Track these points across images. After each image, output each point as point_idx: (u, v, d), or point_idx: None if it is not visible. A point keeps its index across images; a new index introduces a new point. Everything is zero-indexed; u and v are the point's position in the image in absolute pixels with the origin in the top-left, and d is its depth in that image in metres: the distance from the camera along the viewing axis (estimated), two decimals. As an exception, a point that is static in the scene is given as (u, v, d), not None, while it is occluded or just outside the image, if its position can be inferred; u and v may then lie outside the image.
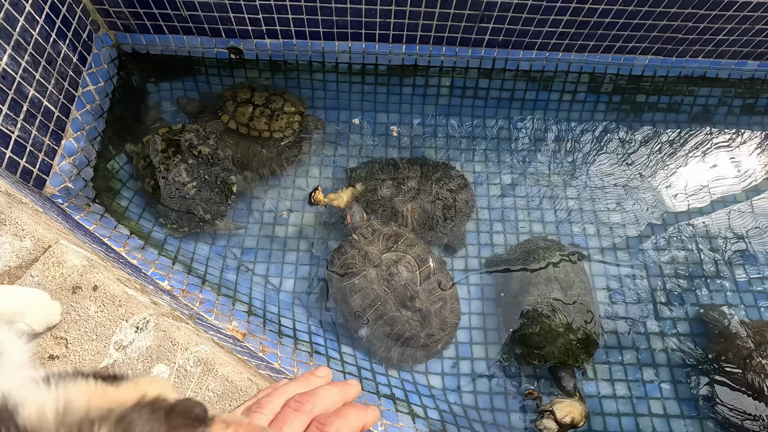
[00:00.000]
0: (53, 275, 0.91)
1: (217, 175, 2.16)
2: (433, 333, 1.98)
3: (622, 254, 2.34)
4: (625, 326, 2.18)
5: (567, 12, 2.20)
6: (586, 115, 2.63)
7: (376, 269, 2.02)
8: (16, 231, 0.96)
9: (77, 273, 0.92)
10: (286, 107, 2.31)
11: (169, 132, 2.19)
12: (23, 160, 1.77)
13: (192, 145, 2.16)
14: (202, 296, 1.87)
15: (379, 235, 2.11)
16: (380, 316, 1.96)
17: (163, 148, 2.12)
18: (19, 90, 1.74)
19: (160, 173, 2.06)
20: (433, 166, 2.38)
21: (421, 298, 1.99)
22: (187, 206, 2.08)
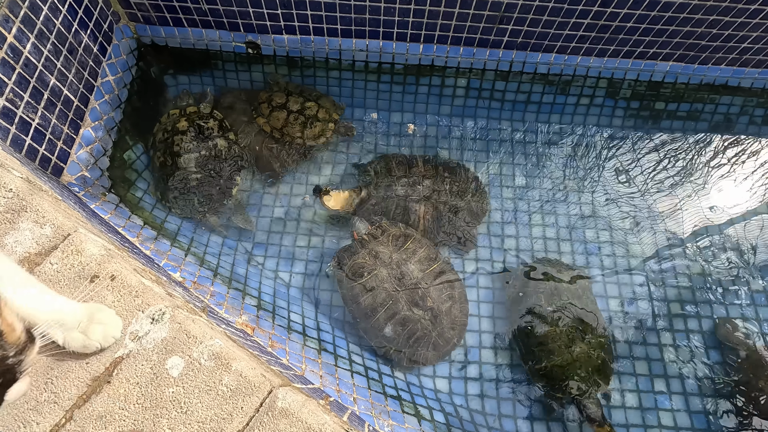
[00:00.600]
0: (72, 263, 0.92)
1: (224, 172, 2.17)
2: (444, 332, 1.97)
3: (636, 262, 2.31)
4: (638, 336, 2.15)
5: (588, 15, 2.18)
6: (603, 120, 2.59)
7: (386, 268, 2.01)
8: (37, 218, 0.96)
9: (95, 262, 0.92)
10: (320, 114, 2.30)
11: (196, 114, 2.21)
12: (42, 148, 1.79)
13: (212, 135, 2.18)
14: (213, 289, 1.88)
15: (389, 235, 2.11)
16: (392, 316, 1.95)
17: (184, 129, 2.14)
18: (41, 78, 1.76)
19: (171, 153, 2.10)
20: (449, 166, 2.37)
21: (432, 297, 1.98)
22: (185, 193, 2.11)
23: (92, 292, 0.89)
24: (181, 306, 0.99)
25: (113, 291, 0.90)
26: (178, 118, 2.19)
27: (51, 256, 0.92)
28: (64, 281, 0.90)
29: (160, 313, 0.89)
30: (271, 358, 1.35)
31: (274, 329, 1.84)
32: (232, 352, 0.89)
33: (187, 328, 0.89)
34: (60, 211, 1.01)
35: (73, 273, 0.91)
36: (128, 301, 0.90)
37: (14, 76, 1.63)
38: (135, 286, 0.91)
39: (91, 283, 0.90)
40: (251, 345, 1.28)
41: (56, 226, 0.96)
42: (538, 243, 2.35)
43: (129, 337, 0.87)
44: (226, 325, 1.45)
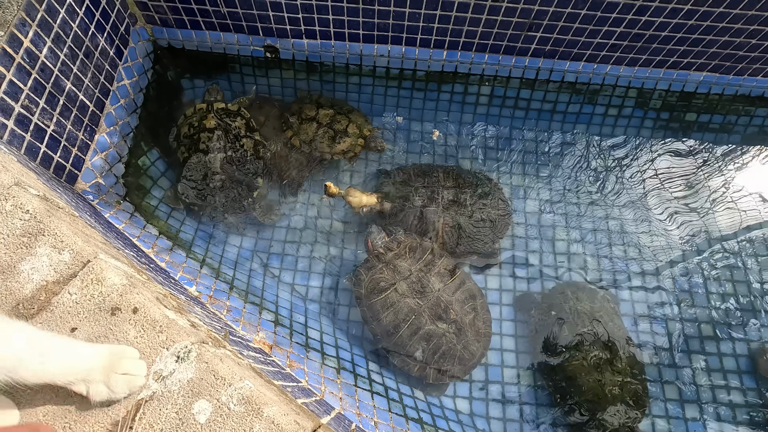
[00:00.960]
0: (92, 294, 0.86)
1: (247, 174, 2.11)
2: (469, 345, 1.90)
3: (666, 281, 2.22)
4: (668, 359, 2.06)
5: (622, 24, 2.09)
6: (631, 131, 2.50)
7: (406, 282, 1.94)
8: (55, 243, 0.90)
9: (117, 293, 0.86)
10: (350, 129, 2.22)
11: (224, 111, 2.16)
12: (57, 155, 1.73)
13: (239, 135, 2.12)
14: (229, 303, 1.81)
15: (405, 247, 2.03)
16: (415, 331, 1.88)
17: (211, 127, 2.09)
18: (57, 83, 1.70)
19: (197, 151, 2.05)
20: (471, 178, 2.28)
21: (455, 309, 1.91)
22: (207, 192, 2.06)
23: (113, 327, 0.83)
24: (206, 339, 0.92)
25: (135, 326, 0.84)
26: (204, 114, 2.13)
27: (70, 285, 0.86)
28: (84, 313, 0.84)
29: (185, 350, 0.83)
30: (290, 383, 1.28)
31: (292, 347, 1.78)
32: (263, 395, 0.83)
33: (215, 368, 0.82)
34: (79, 234, 0.95)
35: (93, 305, 0.85)
36: (152, 337, 0.83)
37: (30, 81, 1.57)
38: (159, 321, 0.85)
39: (113, 316, 0.84)
40: (272, 372, 1.22)
41: (75, 252, 0.90)
42: (562, 258, 2.27)
43: (153, 376, 0.81)
44: (245, 347, 1.38)
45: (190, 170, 2.07)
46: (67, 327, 0.83)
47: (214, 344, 0.96)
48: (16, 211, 0.92)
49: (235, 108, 2.19)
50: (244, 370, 0.89)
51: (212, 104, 2.19)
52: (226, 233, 2.17)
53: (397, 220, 2.17)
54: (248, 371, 0.93)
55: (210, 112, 2.15)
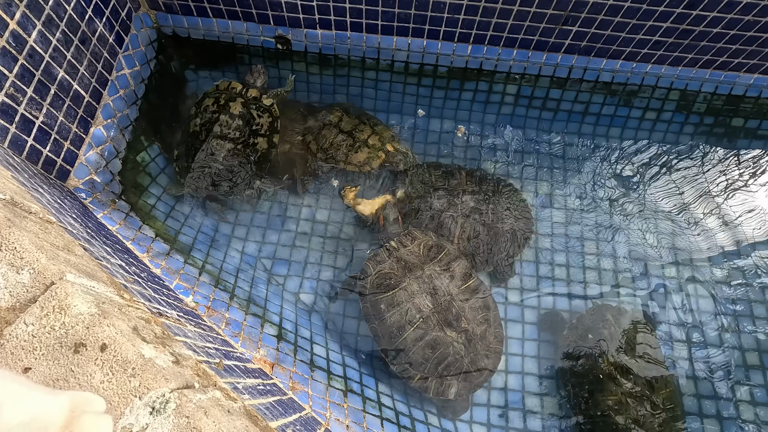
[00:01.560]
0: (53, 325, 0.70)
1: (246, 174, 1.97)
2: (477, 359, 1.71)
3: (706, 303, 2.01)
4: (707, 389, 1.86)
5: (669, 18, 1.88)
6: (670, 137, 2.29)
7: (417, 281, 1.76)
8: (13, 259, 0.75)
9: (83, 324, 0.70)
10: (371, 140, 2.06)
11: (255, 101, 2.02)
12: (46, 149, 1.59)
13: (257, 132, 1.98)
14: (228, 315, 1.66)
15: (420, 244, 1.86)
16: (421, 336, 1.70)
17: (235, 113, 1.96)
18: (47, 71, 1.55)
19: (209, 130, 1.94)
20: (495, 184, 2.11)
21: (468, 317, 1.72)
22: (200, 175, 1.94)
23: (76, 368, 0.68)
24: (192, 379, 0.77)
25: (103, 367, 0.68)
26: (234, 96, 1.99)
27: (27, 312, 0.71)
28: (41, 349, 0.69)
29: (162, 400, 0.67)
30: (296, 418, 1.12)
31: (296, 366, 1.62)
32: (256, 459, 0.67)
33: (197, 425, 0.66)
34: (45, 248, 0.80)
35: (53, 339, 0.69)
36: (122, 381, 0.68)
37: (16, 68, 1.43)
38: (132, 361, 0.69)
39: (76, 353, 0.69)
40: (271, 408, 1.05)
41: (37, 272, 0.75)
42: (591, 274, 2.08)
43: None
44: (244, 372, 1.22)
45: (193, 146, 1.95)
46: (19, 366, 0.68)
47: (202, 383, 0.80)
48: (-31, 220, 0.77)
49: (268, 103, 2.04)
50: (234, 421, 0.73)
51: (248, 89, 2.04)
52: (215, 225, 2.02)
53: (412, 221, 2.01)
54: (241, 420, 0.77)
55: (241, 96, 2.01)
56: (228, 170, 1.94)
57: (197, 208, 2.03)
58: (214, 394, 0.79)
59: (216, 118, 1.95)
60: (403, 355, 1.73)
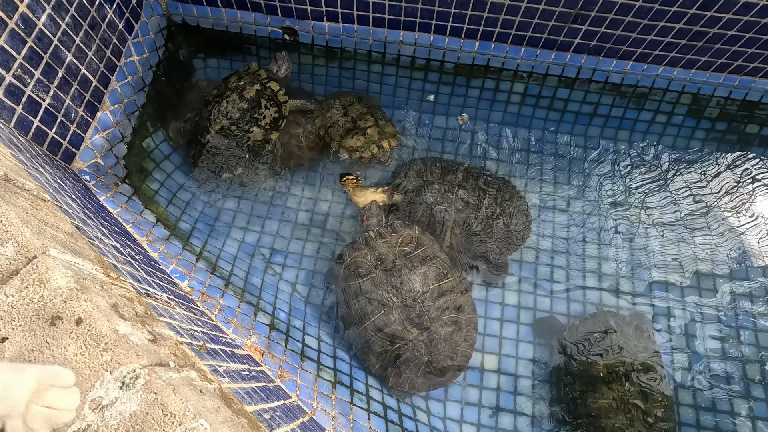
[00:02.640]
0: (31, 297, 0.72)
1: (231, 156, 2.00)
2: (438, 360, 1.70)
3: (709, 312, 1.97)
4: (706, 401, 1.82)
5: (682, 19, 1.84)
6: (680, 141, 2.24)
7: (386, 274, 1.77)
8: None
9: (60, 298, 0.72)
10: (370, 131, 2.06)
11: (270, 92, 2.03)
12: (52, 131, 1.62)
13: (257, 121, 2.01)
14: (222, 302, 1.68)
15: (399, 237, 1.86)
16: (380, 328, 1.71)
17: (244, 96, 1.99)
18: (56, 54, 1.59)
19: (216, 102, 1.99)
20: (492, 180, 2.09)
21: (431, 316, 1.72)
22: (192, 141, 2.03)
23: (51, 340, 0.69)
24: (167, 358, 0.78)
25: (77, 340, 0.70)
26: (254, 81, 2.02)
27: (8, 284, 0.72)
28: (19, 320, 0.70)
29: (132, 376, 0.68)
30: (276, 408, 1.13)
31: (286, 355, 1.63)
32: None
33: (164, 401, 0.67)
34: (32, 223, 0.82)
35: (31, 311, 0.71)
36: (94, 355, 0.69)
37: (24, 50, 1.46)
38: (105, 336, 0.71)
39: (52, 326, 0.70)
40: (252, 394, 1.06)
41: (21, 245, 0.77)
42: (591, 278, 2.05)
43: (89, 405, 0.66)
44: (229, 356, 1.24)
45: (201, 113, 2.02)
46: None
47: (178, 363, 0.81)
48: (-41, 193, 0.79)
49: (282, 99, 2.05)
50: (205, 401, 0.74)
51: (270, 79, 2.06)
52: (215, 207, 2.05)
53: (404, 213, 2.01)
54: (212, 400, 0.78)
55: (258, 84, 2.02)
56: (214, 146, 1.96)
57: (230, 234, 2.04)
58: (189, 374, 0.80)
59: (227, 95, 1.98)
60: (364, 342, 1.75)
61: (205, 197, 2.08)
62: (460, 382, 1.84)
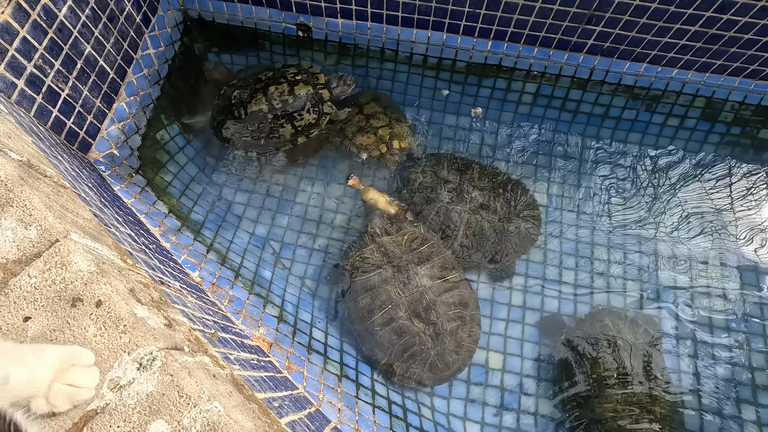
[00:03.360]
0: (53, 279, 0.74)
1: (249, 140, 2.02)
2: (444, 354, 1.72)
3: (719, 318, 1.95)
4: (712, 406, 1.81)
5: (697, 22, 1.83)
6: (692, 145, 2.23)
7: (393, 269, 1.80)
8: (23, 216, 0.79)
9: (81, 281, 0.74)
10: (381, 131, 2.06)
11: (317, 101, 2.03)
12: (70, 121, 1.65)
13: (291, 119, 2.01)
14: (232, 293, 1.70)
15: (405, 234, 1.88)
16: (388, 322, 1.73)
17: (294, 91, 1.99)
18: (75, 46, 1.62)
19: (264, 86, 2.00)
20: (506, 181, 2.09)
21: (438, 311, 1.74)
22: (226, 113, 2.04)
23: (72, 321, 0.71)
24: (182, 343, 0.80)
25: (96, 322, 0.72)
26: (309, 81, 2.01)
27: (31, 266, 0.75)
28: (41, 301, 0.73)
29: (149, 358, 0.70)
30: (284, 397, 1.14)
31: (294, 347, 1.65)
32: (233, 422, 0.69)
33: (180, 383, 0.69)
34: (54, 208, 0.84)
35: (53, 292, 0.73)
36: (113, 337, 0.71)
37: (46, 41, 1.49)
38: (124, 318, 0.73)
39: (73, 307, 0.72)
40: (261, 382, 1.08)
41: (44, 229, 0.79)
42: (599, 280, 2.04)
43: (108, 384, 0.68)
44: (239, 345, 1.26)
45: (247, 85, 2.01)
46: (20, 315, 0.72)
47: (192, 348, 0.83)
48: (-14, 177, 0.81)
49: (327, 110, 2.04)
50: (218, 385, 0.76)
51: (325, 87, 2.04)
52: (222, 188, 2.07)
53: (419, 210, 2.02)
54: (225, 385, 0.79)
55: (313, 87, 2.01)
56: (244, 123, 1.97)
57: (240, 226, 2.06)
58: (203, 359, 0.82)
59: (281, 82, 1.98)
60: (371, 337, 1.77)
61: (214, 176, 2.09)
62: (464, 379, 1.84)
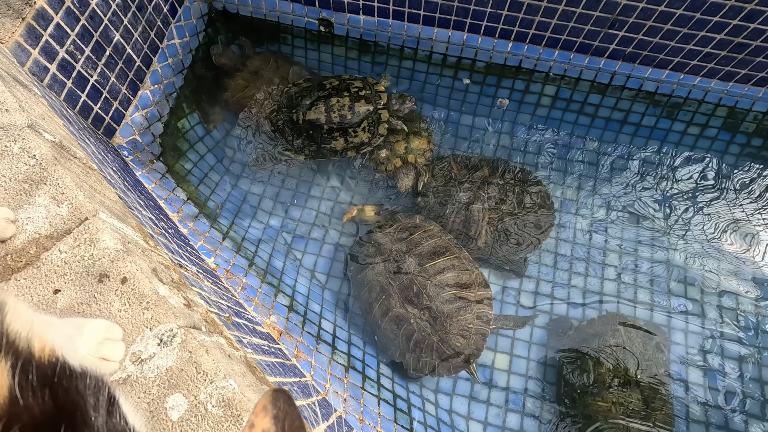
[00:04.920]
0: (82, 255, 0.78)
1: (301, 139, 2.05)
2: (448, 338, 1.70)
3: (729, 330, 1.93)
4: (719, 419, 1.80)
5: (723, 30, 1.80)
6: (713, 155, 2.19)
7: (384, 261, 1.84)
8: (56, 194, 0.83)
9: (108, 258, 0.78)
10: (397, 146, 2.05)
11: (377, 118, 2.03)
12: (97, 106, 1.71)
13: (346, 134, 2.01)
14: (245, 281, 1.74)
15: (397, 227, 1.91)
16: (385, 312, 1.76)
17: (356, 110, 1.98)
18: (105, 33, 1.66)
19: (326, 95, 2.00)
20: (521, 174, 2.10)
21: (429, 294, 1.73)
22: (283, 107, 2.06)
23: (98, 296, 0.75)
24: (200, 323, 0.83)
25: (121, 297, 0.75)
26: (371, 99, 1.99)
27: (62, 242, 0.78)
28: (70, 275, 0.76)
29: (170, 334, 0.73)
30: (293, 382, 1.17)
31: (303, 336, 1.68)
32: (247, 400, 0.72)
33: (198, 360, 0.72)
34: (84, 188, 0.88)
35: (82, 267, 0.77)
36: (136, 313, 0.74)
37: (78, 27, 1.54)
38: (147, 296, 0.76)
39: (100, 283, 0.76)
40: (272, 365, 1.11)
41: (74, 207, 0.83)
42: (610, 286, 2.03)
43: (130, 357, 0.72)
44: (252, 332, 1.29)
45: (309, 90, 2.02)
46: (51, 287, 0.75)
47: (209, 329, 0.86)
48: (22, 155, 0.85)
49: (382, 131, 2.01)
50: (233, 365, 0.79)
51: (386, 107, 2.01)
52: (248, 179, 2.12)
53: (437, 214, 2.03)
54: (239, 366, 0.82)
55: (373, 105, 1.98)
56: (300, 128, 1.98)
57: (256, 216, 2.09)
58: (219, 339, 0.85)
59: (343, 95, 1.98)
60: (379, 332, 1.81)
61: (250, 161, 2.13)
62: (469, 378, 1.86)
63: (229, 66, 2.21)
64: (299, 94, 2.06)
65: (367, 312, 1.84)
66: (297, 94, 2.06)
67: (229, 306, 1.29)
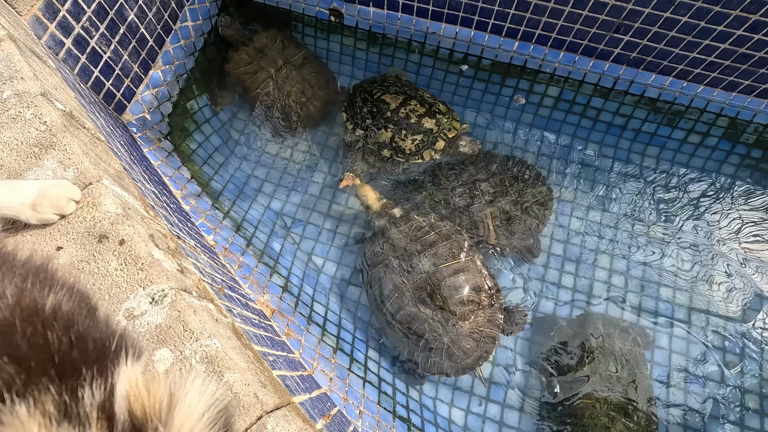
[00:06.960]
0: (84, 216, 0.83)
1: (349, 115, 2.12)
2: (459, 340, 1.73)
3: (715, 338, 1.96)
4: (697, 424, 1.83)
5: (728, 39, 1.81)
6: (711, 164, 2.21)
7: (398, 259, 1.84)
8: (63, 158, 0.88)
9: (108, 221, 0.83)
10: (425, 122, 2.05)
11: (442, 153, 2.08)
12: (109, 82, 1.76)
13: (394, 146, 2.07)
14: (242, 259, 1.80)
15: (411, 225, 1.92)
16: (397, 311, 1.78)
17: (437, 146, 2.04)
18: (120, 12, 1.72)
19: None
20: (505, 162, 2.12)
21: (443, 295, 1.74)
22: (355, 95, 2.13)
23: (97, 254, 0.80)
24: (190, 288, 0.88)
25: (118, 257, 0.81)
26: (442, 125, 2.04)
27: (66, 203, 0.84)
28: (72, 234, 0.82)
29: (161, 294, 0.79)
30: (280, 355, 1.23)
31: (294, 317, 1.74)
32: (229, 359, 0.77)
33: (185, 319, 0.77)
34: (90, 155, 0.93)
35: (83, 228, 0.82)
36: (131, 273, 0.80)
37: (94, 5, 1.60)
38: (142, 257, 0.81)
39: (99, 243, 0.81)
40: (260, 337, 1.17)
41: (80, 172, 0.88)
42: (599, 287, 2.06)
43: (123, 314, 0.77)
44: (243, 305, 1.34)
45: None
46: (54, 244, 0.81)
47: (199, 294, 0.92)
48: (34, 121, 0.91)
49: (429, 156, 2.05)
50: (218, 328, 0.84)
51: (446, 140, 2.04)
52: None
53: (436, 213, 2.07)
54: (225, 330, 0.88)
55: (436, 127, 2.03)
56: (369, 102, 2.04)
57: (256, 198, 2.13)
58: (208, 305, 0.91)
59: (424, 105, 2.05)
60: (390, 330, 1.81)
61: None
62: (455, 367, 1.90)
63: (235, 38, 2.24)
64: (394, 82, 2.14)
65: (378, 309, 1.83)
66: (392, 81, 2.14)
67: (223, 280, 1.35)
